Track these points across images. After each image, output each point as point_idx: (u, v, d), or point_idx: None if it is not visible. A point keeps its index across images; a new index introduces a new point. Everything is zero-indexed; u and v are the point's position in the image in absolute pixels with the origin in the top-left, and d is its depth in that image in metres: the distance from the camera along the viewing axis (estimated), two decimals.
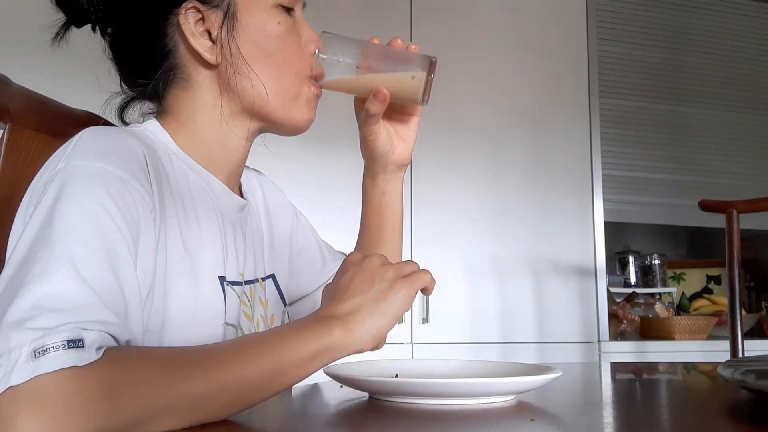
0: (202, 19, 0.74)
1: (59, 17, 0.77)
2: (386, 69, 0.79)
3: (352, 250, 0.99)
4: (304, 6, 0.81)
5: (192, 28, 0.74)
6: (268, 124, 0.79)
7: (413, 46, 0.82)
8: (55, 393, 0.47)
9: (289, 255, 0.95)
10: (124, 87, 0.80)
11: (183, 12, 0.73)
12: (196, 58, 0.75)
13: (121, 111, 0.81)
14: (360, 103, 0.84)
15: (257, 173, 0.95)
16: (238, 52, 0.74)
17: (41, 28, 0.76)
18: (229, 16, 0.74)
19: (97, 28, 0.78)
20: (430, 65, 0.79)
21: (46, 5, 0.76)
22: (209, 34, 0.74)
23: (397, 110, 0.86)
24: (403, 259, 0.98)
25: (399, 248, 0.97)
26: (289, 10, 0.77)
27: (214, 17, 0.74)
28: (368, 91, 0.79)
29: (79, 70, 1.49)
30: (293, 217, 0.98)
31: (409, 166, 2.16)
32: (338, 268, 0.67)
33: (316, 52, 0.79)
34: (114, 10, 0.76)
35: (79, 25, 0.78)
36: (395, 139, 0.88)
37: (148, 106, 0.81)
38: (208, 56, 0.74)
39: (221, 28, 0.74)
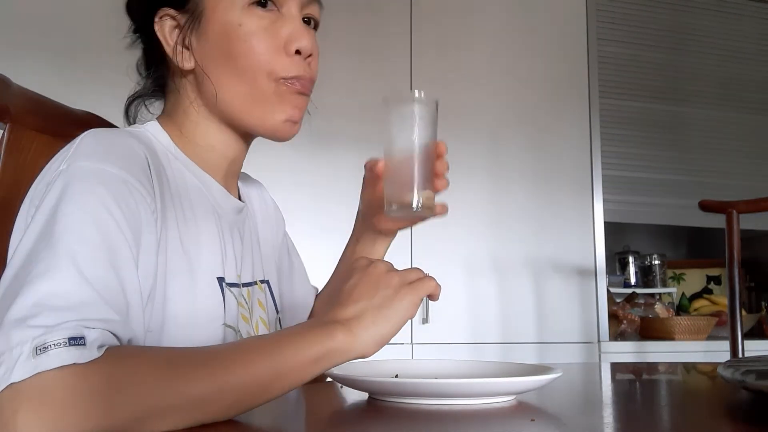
0: (178, 26, 0.74)
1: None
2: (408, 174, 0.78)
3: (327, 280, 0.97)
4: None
5: (166, 34, 0.75)
6: (245, 128, 0.77)
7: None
8: (56, 390, 0.47)
9: (278, 267, 0.95)
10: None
11: (157, 19, 0.74)
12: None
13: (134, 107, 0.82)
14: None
15: (259, 185, 0.95)
16: (203, 57, 0.74)
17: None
18: (194, 21, 0.74)
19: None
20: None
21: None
22: (184, 40, 0.75)
23: None
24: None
25: None
26: (263, 4, 0.73)
27: (185, 23, 0.74)
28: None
29: (78, 73, 1.49)
30: (283, 236, 0.97)
31: None
32: (343, 272, 0.67)
33: None
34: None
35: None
36: None
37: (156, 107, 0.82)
38: (179, 61, 0.75)
39: (187, 33, 0.74)
